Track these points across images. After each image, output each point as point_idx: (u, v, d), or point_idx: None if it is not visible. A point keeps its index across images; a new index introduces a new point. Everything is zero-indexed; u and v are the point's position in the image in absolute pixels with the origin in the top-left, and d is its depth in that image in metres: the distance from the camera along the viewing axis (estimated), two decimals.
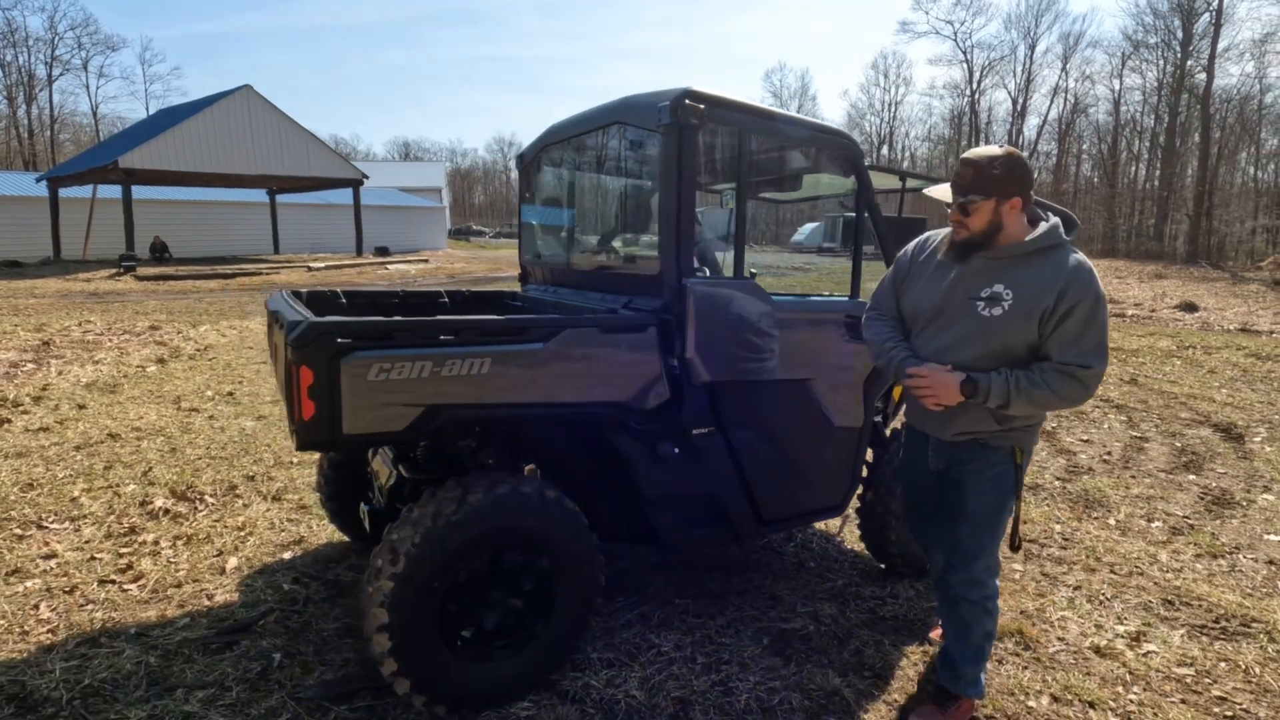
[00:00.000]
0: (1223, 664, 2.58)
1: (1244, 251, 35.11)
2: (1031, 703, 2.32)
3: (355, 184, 24.49)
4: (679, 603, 2.88)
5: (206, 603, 2.78)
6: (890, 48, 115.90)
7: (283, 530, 3.46)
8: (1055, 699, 2.34)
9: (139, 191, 21.61)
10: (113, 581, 2.92)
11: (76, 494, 3.78)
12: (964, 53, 55.76)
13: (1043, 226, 1.92)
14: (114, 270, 17.76)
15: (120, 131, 32.19)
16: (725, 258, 3.13)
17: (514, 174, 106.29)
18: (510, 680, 2.19)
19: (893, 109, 64.25)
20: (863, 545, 3.27)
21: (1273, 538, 3.78)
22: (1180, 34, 37.41)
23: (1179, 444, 5.45)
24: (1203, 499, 4.33)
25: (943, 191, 2.02)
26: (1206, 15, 34.46)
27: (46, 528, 3.40)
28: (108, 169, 19.04)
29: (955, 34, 50.58)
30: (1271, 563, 3.46)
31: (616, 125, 2.61)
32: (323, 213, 29.58)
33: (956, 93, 55.43)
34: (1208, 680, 2.48)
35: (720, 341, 2.42)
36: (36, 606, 2.71)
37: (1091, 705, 2.31)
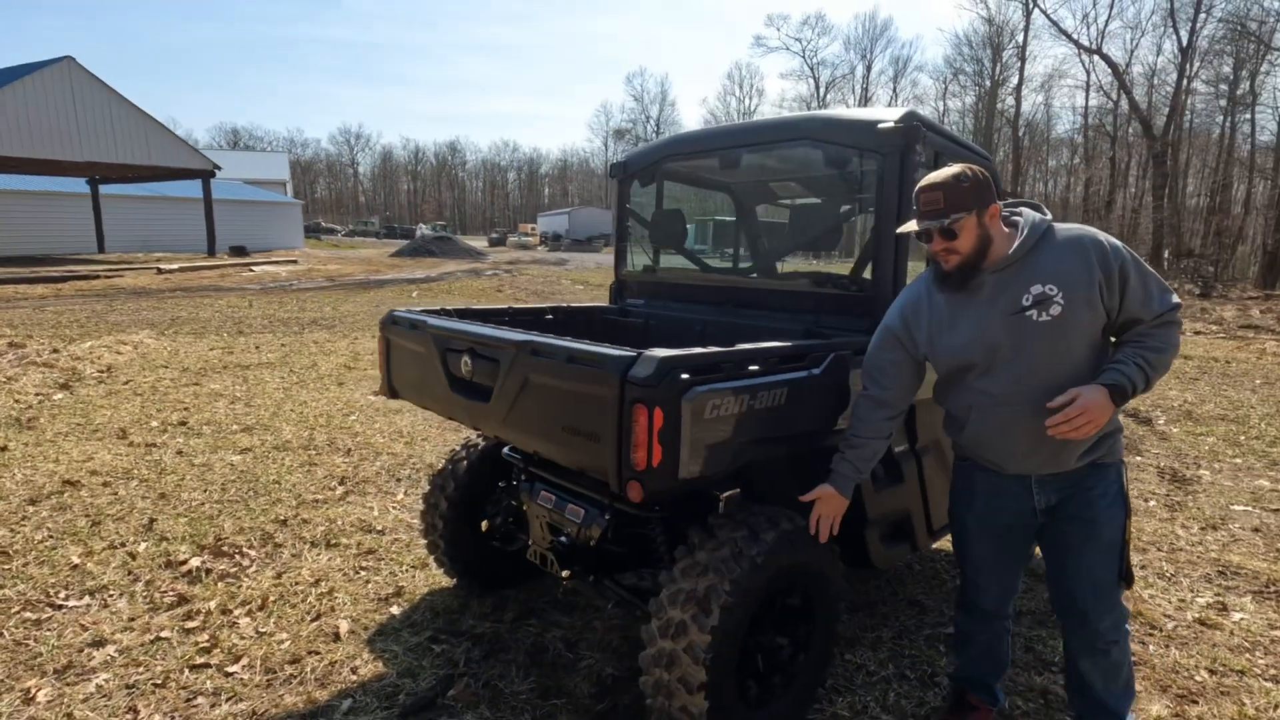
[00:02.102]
0: None
1: None
2: (1197, 677, 2.58)
3: (206, 175, 21.82)
4: (845, 619, 2.88)
5: (353, 677, 2.39)
6: (745, 60, 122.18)
7: (368, 582, 3.04)
8: (1211, 671, 2.62)
9: None
10: (206, 665, 2.42)
11: (75, 560, 3.09)
12: (811, 69, 60.13)
13: (1027, 216, 1.82)
14: None
15: None
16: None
17: (363, 168, 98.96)
18: (788, 718, 2.09)
19: (747, 119, 67.78)
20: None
21: (1238, 508, 4.46)
22: (990, 64, 42.81)
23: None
24: (1163, 478, 5.01)
25: (907, 228, 1.86)
26: (1012, 48, 39.70)
27: (65, 607, 2.75)
28: None
29: (804, 51, 54.61)
30: (1257, 530, 4.08)
31: (805, 141, 2.56)
32: (156, 207, 26.07)
33: (804, 106, 59.60)
34: None
35: None
36: (134, 710, 2.19)
37: (1242, 673, 2.61)
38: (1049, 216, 1.82)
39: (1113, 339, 1.83)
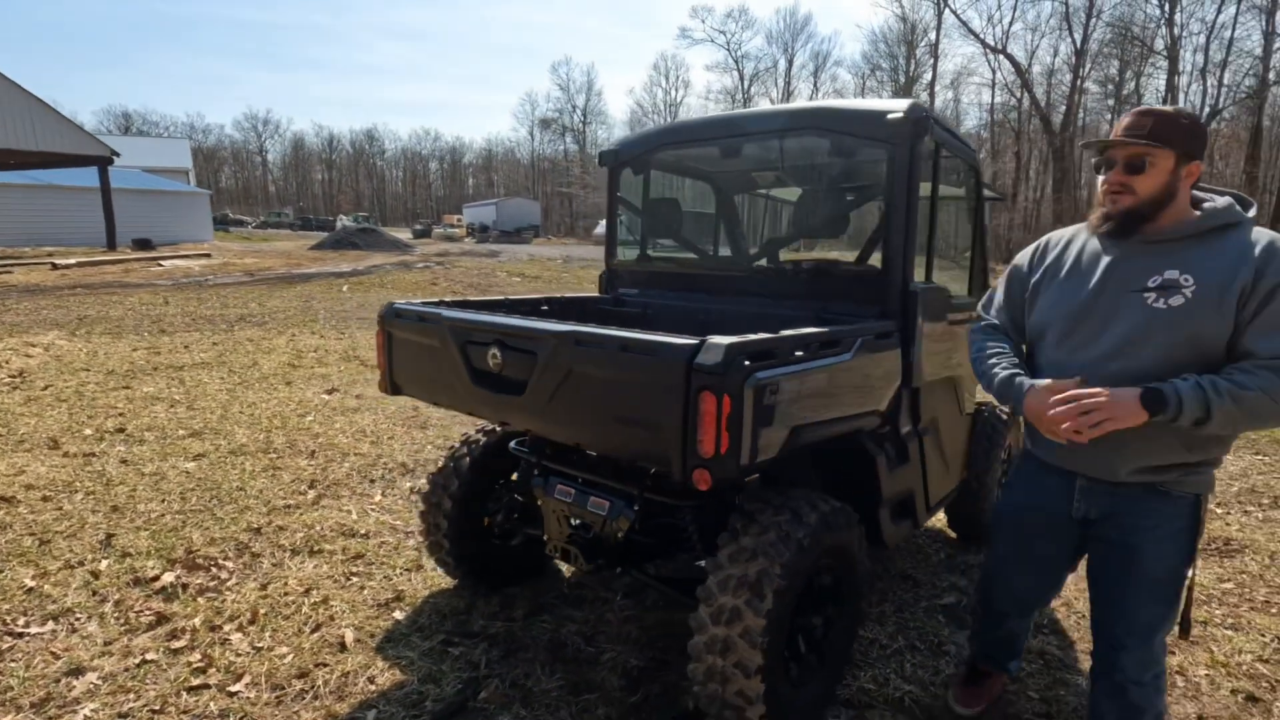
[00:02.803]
0: None
1: None
2: None
3: (103, 163, 20.15)
4: (869, 597, 2.97)
5: (371, 687, 2.28)
6: (670, 51, 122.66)
7: (363, 589, 2.91)
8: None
9: None
10: (205, 686, 2.26)
11: (29, 583, 2.81)
12: (736, 62, 61.04)
13: (1217, 201, 1.60)
14: None
15: None
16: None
17: (272, 156, 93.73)
18: (819, 698, 2.14)
19: (673, 110, 68.27)
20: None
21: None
22: (904, 61, 44.67)
23: None
24: None
25: (1098, 143, 1.65)
26: (924, 45, 41.54)
27: (26, 634, 2.50)
28: None
29: (728, 43, 55.25)
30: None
31: (813, 131, 2.60)
32: (45, 197, 23.87)
33: (729, 98, 60.50)
34: None
35: (933, 343, 2.55)
36: None
37: (1205, 624, 2.85)
38: (1251, 215, 1.58)
39: None
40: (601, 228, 44.16)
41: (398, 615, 2.72)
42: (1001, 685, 2.30)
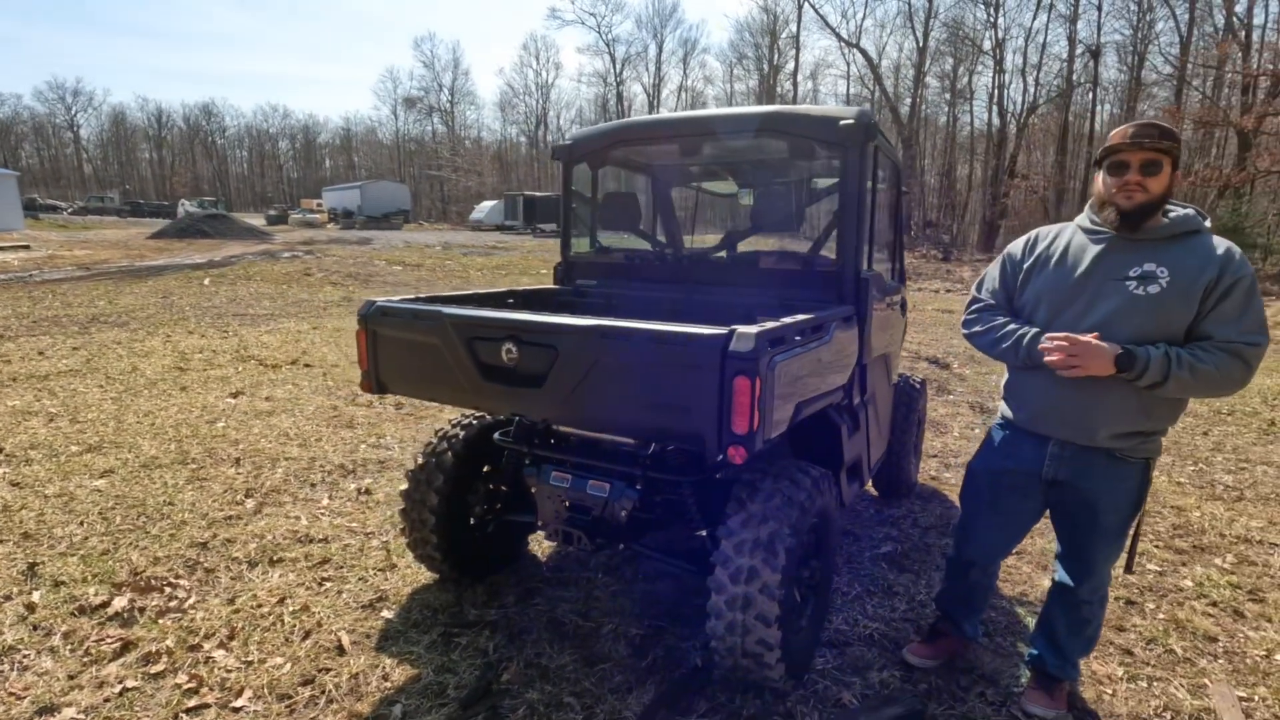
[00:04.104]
0: None
1: None
2: None
3: None
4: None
5: (387, 684, 2.29)
6: (540, 32, 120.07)
7: (340, 592, 2.86)
8: None
9: None
10: (205, 706, 2.18)
11: None
12: (607, 45, 61.06)
13: (1181, 210, 1.90)
14: None
15: None
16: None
17: (86, 132, 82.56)
18: (811, 641, 2.42)
19: (545, 91, 67.32)
20: None
21: None
22: (768, 51, 46.72)
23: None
24: (974, 410, 6.17)
25: (1115, 141, 1.89)
26: (786, 37, 43.67)
27: None
28: None
29: (599, 26, 55.11)
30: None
31: (769, 133, 2.82)
32: None
33: (602, 82, 60.56)
34: None
35: (878, 323, 2.88)
36: None
37: None
38: (1208, 224, 1.90)
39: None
40: (479, 213, 43.00)
41: (387, 615, 2.71)
42: (956, 646, 2.48)
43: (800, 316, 2.18)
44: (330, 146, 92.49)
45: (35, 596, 2.71)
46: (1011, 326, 2.07)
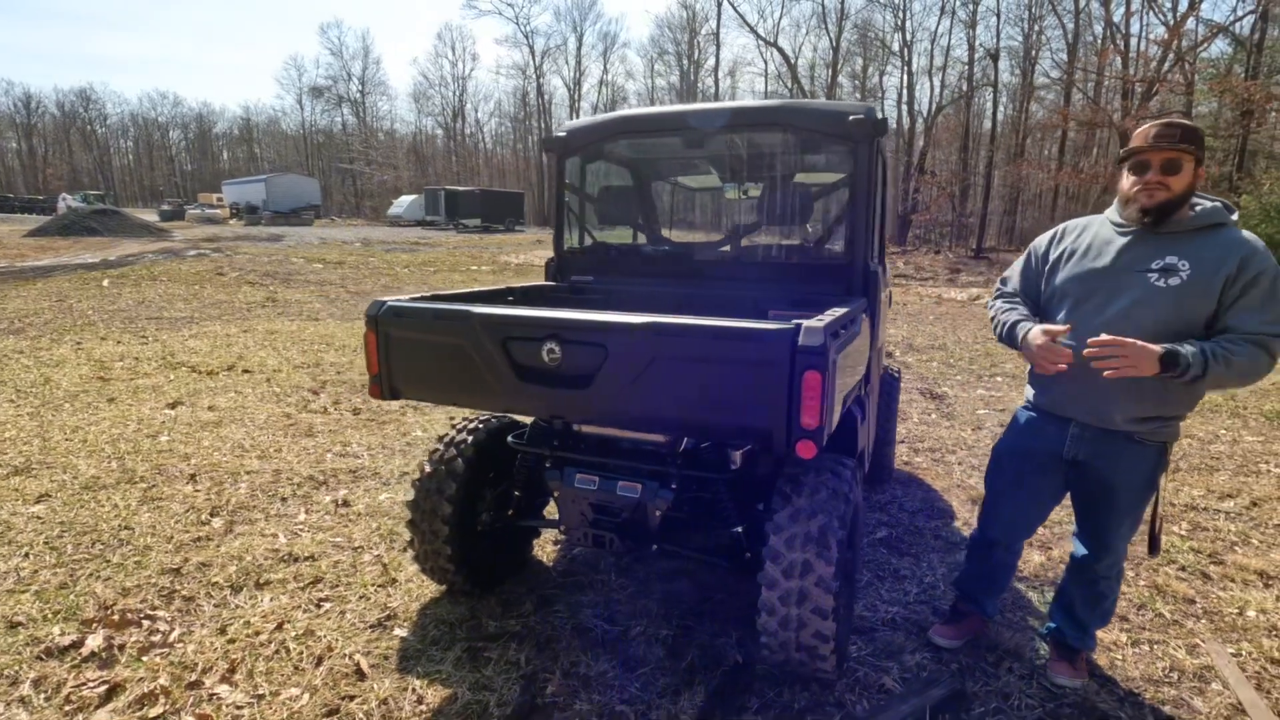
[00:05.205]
0: None
1: None
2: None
3: None
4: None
5: (422, 706, 2.16)
6: (456, 22, 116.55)
7: (343, 613, 2.68)
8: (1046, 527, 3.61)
9: None
10: None
11: None
12: (525, 36, 60.01)
13: (1208, 203, 1.94)
14: None
15: None
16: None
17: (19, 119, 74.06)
18: (847, 629, 2.45)
19: (462, 83, 65.60)
20: None
21: (981, 411, 5.95)
22: (688, 47, 47.21)
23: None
24: (925, 396, 6.45)
25: (1137, 144, 1.94)
26: (706, 33, 44.25)
27: None
28: None
29: (516, 17, 54.19)
30: (1002, 425, 5.52)
31: (777, 127, 2.82)
32: None
33: (521, 74, 59.55)
34: None
35: (881, 315, 2.95)
36: None
37: (1060, 522, 3.64)
38: (1235, 216, 1.92)
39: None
40: (398, 208, 41.43)
41: (400, 633, 2.56)
42: (979, 625, 2.57)
43: (839, 310, 2.20)
44: (228, 137, 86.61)
45: None
46: (1005, 316, 2.18)
